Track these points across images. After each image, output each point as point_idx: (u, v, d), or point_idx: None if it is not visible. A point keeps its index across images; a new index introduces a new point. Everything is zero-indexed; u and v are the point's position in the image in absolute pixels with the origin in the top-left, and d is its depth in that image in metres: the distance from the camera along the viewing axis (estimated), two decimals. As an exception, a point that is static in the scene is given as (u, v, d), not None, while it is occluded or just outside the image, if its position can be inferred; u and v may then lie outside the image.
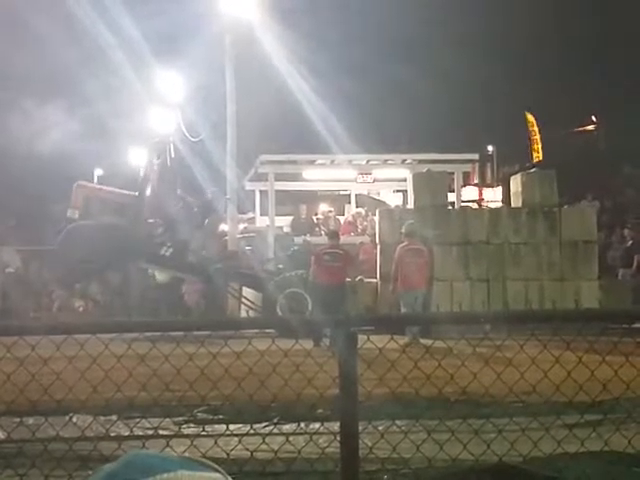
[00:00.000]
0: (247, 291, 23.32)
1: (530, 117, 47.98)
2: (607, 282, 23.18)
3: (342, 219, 27.35)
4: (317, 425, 8.77)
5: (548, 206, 22.76)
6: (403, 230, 19.24)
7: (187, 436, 7.97)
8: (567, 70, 49.25)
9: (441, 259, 21.10)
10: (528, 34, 49.00)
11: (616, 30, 47.71)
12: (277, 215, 26.16)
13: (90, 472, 1.64)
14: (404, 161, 26.80)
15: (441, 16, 48.21)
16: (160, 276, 24.18)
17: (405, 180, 24.92)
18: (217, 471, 1.45)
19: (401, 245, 18.95)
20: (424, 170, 24.02)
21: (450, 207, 24.57)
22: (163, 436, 8.57)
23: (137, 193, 22.30)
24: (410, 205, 23.43)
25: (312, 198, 29.53)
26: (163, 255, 21.84)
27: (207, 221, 23.74)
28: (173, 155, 34.42)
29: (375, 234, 23.18)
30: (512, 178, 25.05)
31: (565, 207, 23.66)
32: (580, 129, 50.04)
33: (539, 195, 22.86)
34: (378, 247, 22.44)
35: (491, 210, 25.15)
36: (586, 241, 22.64)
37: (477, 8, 47.80)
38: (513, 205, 23.67)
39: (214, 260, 22.22)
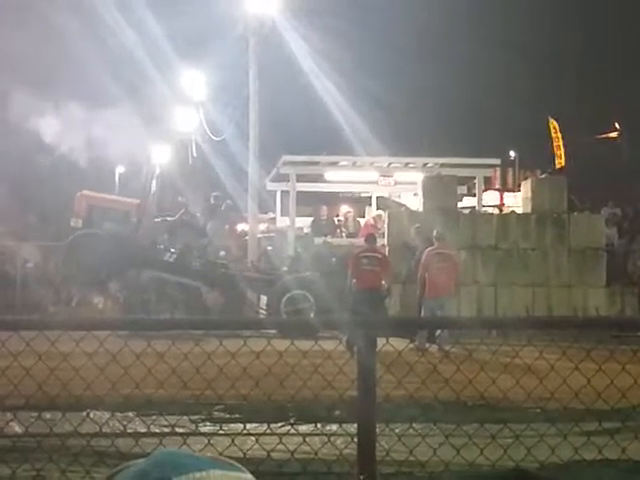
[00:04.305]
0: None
1: (553, 123, 47.84)
2: (615, 290, 22.98)
3: (362, 221, 27.30)
4: (334, 426, 8.76)
5: (557, 212, 22.69)
6: (434, 233, 18.79)
7: (204, 434, 7.97)
8: (591, 77, 49.12)
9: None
10: (554, 40, 48.90)
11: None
12: (298, 216, 26.13)
13: (108, 468, 1.64)
14: (425, 164, 26.72)
15: (466, 21, 48.17)
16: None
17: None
18: (245, 472, 1.45)
19: (429, 249, 18.46)
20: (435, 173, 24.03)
21: (468, 211, 24.50)
22: (180, 434, 8.58)
23: (139, 201, 22.35)
24: (420, 208, 23.35)
25: (333, 199, 29.52)
26: (167, 261, 21.83)
27: (209, 225, 23.72)
28: (195, 154, 34.40)
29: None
30: (522, 184, 24.92)
31: (574, 214, 23.56)
32: (603, 136, 49.86)
33: (548, 201, 22.80)
34: (386, 249, 22.31)
35: (500, 215, 25.07)
36: (594, 248, 22.56)
37: (502, 13, 47.75)
38: (523, 211, 23.59)
39: (219, 265, 22.16)
